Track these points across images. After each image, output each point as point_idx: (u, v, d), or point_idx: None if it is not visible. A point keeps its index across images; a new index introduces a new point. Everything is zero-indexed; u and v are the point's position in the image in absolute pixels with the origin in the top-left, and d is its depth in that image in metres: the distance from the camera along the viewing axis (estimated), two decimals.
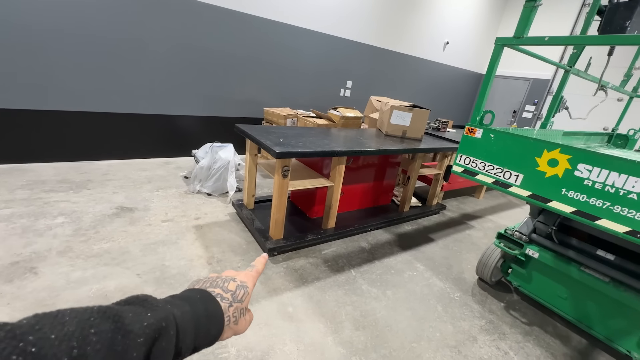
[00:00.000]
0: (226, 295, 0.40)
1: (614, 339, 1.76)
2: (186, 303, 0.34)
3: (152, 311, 0.29)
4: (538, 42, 1.44)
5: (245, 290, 0.43)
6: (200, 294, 0.38)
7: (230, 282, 0.42)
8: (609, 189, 1.20)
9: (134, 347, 0.26)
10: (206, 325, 0.35)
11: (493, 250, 2.23)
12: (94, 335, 0.24)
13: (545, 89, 6.85)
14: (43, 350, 0.21)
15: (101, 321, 0.25)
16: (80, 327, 0.24)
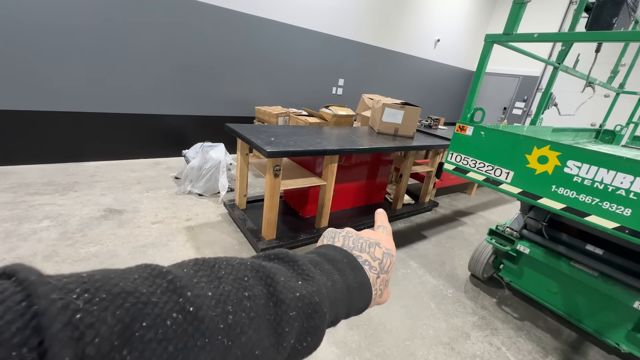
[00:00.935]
0: (374, 263, 0.33)
1: (603, 332, 1.79)
2: (335, 270, 0.29)
3: (302, 279, 0.26)
4: (527, 39, 1.44)
5: (392, 259, 0.36)
6: (347, 258, 0.32)
7: (376, 247, 0.35)
8: (598, 186, 1.21)
9: (286, 321, 0.23)
10: (357, 297, 0.30)
11: (485, 246, 2.24)
12: (248, 300, 0.21)
13: (535, 85, 6.94)
14: (201, 311, 0.19)
15: (255, 282, 0.22)
16: (236, 287, 0.21)
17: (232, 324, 0.20)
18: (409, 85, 6.57)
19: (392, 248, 0.37)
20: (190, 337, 0.18)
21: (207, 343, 0.18)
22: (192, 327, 0.18)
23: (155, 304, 0.17)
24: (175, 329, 0.17)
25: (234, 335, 0.19)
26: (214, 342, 0.19)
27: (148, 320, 0.16)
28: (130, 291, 0.17)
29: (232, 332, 0.19)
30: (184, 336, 0.17)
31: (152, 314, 0.17)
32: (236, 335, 0.20)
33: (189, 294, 0.19)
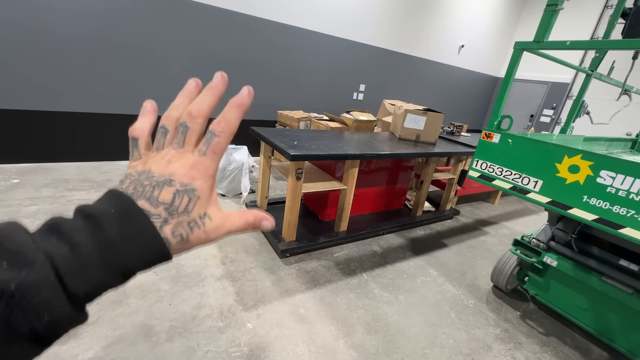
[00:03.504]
0: (157, 210, 0.27)
1: (638, 353, 1.69)
2: (85, 229, 0.24)
3: (7, 260, 0.20)
4: (559, 47, 1.42)
5: (192, 195, 0.28)
6: (116, 208, 0.26)
7: (164, 188, 0.28)
8: (634, 197, 1.16)
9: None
10: (128, 250, 0.25)
11: (509, 257, 2.18)
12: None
13: (565, 92, 6.67)
14: None
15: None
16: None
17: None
18: (431, 91, 6.50)
19: (195, 177, 0.29)
20: None
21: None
22: None
23: None
24: None
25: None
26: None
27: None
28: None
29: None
30: None
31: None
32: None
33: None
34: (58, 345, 1.40)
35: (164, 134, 0.31)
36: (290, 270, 2.16)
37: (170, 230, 0.27)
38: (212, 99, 0.32)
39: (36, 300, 0.20)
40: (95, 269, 0.23)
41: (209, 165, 0.30)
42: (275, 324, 1.71)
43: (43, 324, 0.21)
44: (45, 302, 0.21)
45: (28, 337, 0.21)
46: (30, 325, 0.20)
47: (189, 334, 1.56)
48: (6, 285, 0.19)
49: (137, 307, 1.67)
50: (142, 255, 0.25)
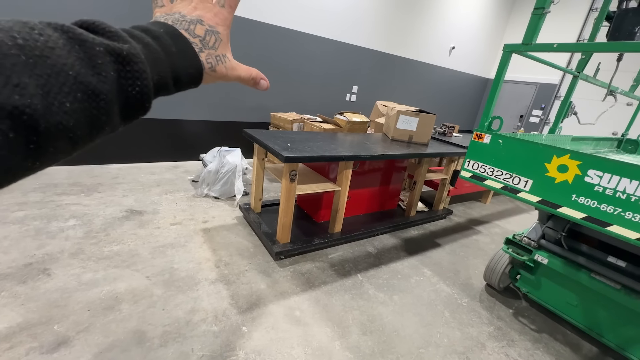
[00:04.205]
0: (194, 39, 0.32)
1: (626, 348, 1.73)
2: (148, 36, 0.28)
3: (107, 37, 0.24)
4: (547, 49, 1.45)
5: (217, 37, 0.34)
6: (164, 28, 0.30)
7: (198, 25, 0.33)
8: (620, 195, 1.19)
9: (96, 55, 0.22)
10: (179, 59, 0.30)
11: (501, 256, 2.21)
12: (40, 35, 0.19)
13: (553, 93, 6.81)
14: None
15: (45, 27, 0.20)
16: (19, 25, 0.19)
17: (24, 46, 0.19)
18: (423, 92, 6.56)
19: (218, 23, 0.35)
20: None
21: None
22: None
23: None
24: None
25: (34, 55, 0.19)
26: (8, 53, 0.18)
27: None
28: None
29: (28, 50, 0.19)
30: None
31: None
32: (37, 57, 0.19)
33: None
34: (48, 353, 1.37)
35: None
36: (285, 273, 2.15)
37: (205, 57, 0.33)
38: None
39: (136, 68, 0.25)
40: (162, 64, 0.28)
41: (227, 16, 0.36)
42: (270, 326, 1.70)
43: (135, 91, 0.25)
44: (140, 71, 0.25)
45: (121, 103, 0.25)
46: (127, 89, 0.24)
47: (182, 339, 1.54)
48: (120, 50, 0.24)
49: (130, 312, 1.65)
50: (187, 66, 0.31)
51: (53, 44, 0.20)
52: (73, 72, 0.21)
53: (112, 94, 0.23)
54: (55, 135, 0.20)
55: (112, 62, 0.23)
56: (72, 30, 0.22)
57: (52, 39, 0.20)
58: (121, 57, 0.24)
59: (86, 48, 0.22)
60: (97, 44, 0.23)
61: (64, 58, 0.20)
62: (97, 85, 0.22)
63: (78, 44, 0.22)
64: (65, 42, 0.21)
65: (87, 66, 0.22)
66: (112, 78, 0.23)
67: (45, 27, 0.21)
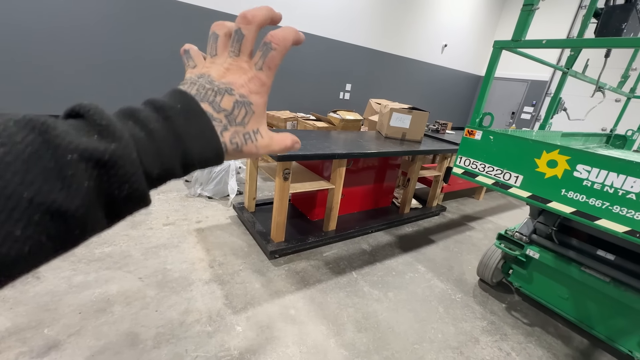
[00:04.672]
0: (218, 115, 0.28)
1: (616, 339, 1.76)
2: (158, 118, 0.25)
3: (98, 133, 0.22)
4: (536, 45, 1.46)
5: (248, 109, 0.30)
6: (182, 103, 0.27)
7: (225, 95, 0.29)
8: (608, 189, 1.21)
9: (68, 165, 0.19)
10: (194, 144, 0.27)
11: (494, 251, 2.24)
12: (0, 147, 0.18)
13: (543, 90, 6.89)
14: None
15: (18, 130, 0.18)
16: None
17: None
18: (416, 90, 6.59)
19: (252, 90, 0.30)
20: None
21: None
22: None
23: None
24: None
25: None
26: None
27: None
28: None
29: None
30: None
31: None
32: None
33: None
34: (39, 357, 1.35)
35: (215, 39, 0.32)
36: (280, 272, 2.15)
37: (229, 137, 0.29)
38: (267, 11, 0.31)
39: (122, 172, 0.22)
40: (166, 155, 0.25)
41: (265, 82, 0.31)
42: (265, 326, 1.70)
43: (123, 195, 0.22)
44: (129, 174, 0.22)
45: (105, 207, 0.22)
46: (112, 194, 0.22)
47: (176, 340, 1.53)
48: (101, 155, 0.21)
49: (122, 315, 1.63)
50: (202, 152, 0.27)
51: (13, 157, 0.18)
52: (29, 193, 0.18)
53: (84, 207, 0.20)
54: (2, 266, 0.18)
55: (89, 169, 0.20)
56: (49, 132, 0.19)
57: (17, 148, 0.18)
58: (102, 162, 0.21)
59: (57, 156, 0.19)
60: (70, 150, 0.20)
61: (21, 175, 0.18)
62: (63, 203, 0.19)
63: (51, 148, 0.19)
64: (33, 150, 0.18)
65: (53, 179, 0.19)
66: (86, 189, 0.20)
67: (20, 128, 0.19)
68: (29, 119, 0.19)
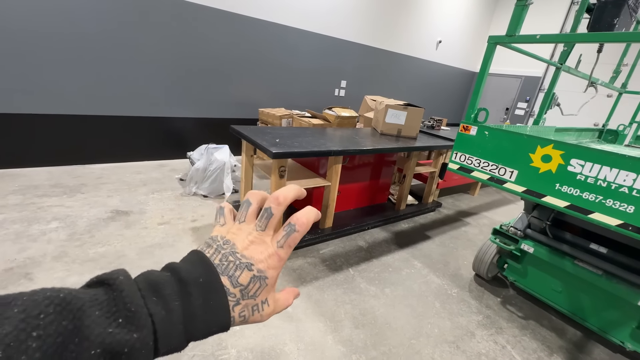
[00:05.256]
0: (234, 290, 0.30)
1: (608, 330, 1.79)
2: (179, 294, 0.27)
3: (124, 317, 0.23)
4: (530, 40, 1.46)
5: (263, 283, 0.32)
6: (205, 277, 0.29)
7: (245, 271, 0.31)
8: (601, 183, 1.22)
9: (87, 359, 0.21)
10: (202, 323, 0.28)
11: (489, 246, 2.25)
12: (36, 340, 0.19)
13: (537, 86, 6.94)
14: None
15: (55, 318, 0.20)
16: (20, 328, 0.19)
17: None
18: (411, 86, 6.59)
19: (270, 266, 0.32)
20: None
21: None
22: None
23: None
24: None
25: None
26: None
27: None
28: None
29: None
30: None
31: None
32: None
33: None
34: None
35: (247, 206, 0.35)
36: None
37: (239, 311, 0.31)
38: (296, 193, 0.36)
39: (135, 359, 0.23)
40: (178, 335, 0.26)
41: (283, 258, 0.33)
42: (262, 324, 1.69)
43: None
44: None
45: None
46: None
47: None
48: (122, 347, 0.22)
49: None
50: (210, 328, 0.29)
51: (41, 353, 0.19)
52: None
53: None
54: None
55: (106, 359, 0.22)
56: (82, 318, 0.21)
57: (47, 342, 0.19)
58: (120, 354, 0.22)
59: (81, 349, 0.20)
60: (96, 345, 0.21)
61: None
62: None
63: (77, 339, 0.20)
64: (60, 342, 0.20)
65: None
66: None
67: (57, 315, 0.20)
68: (69, 300, 0.21)
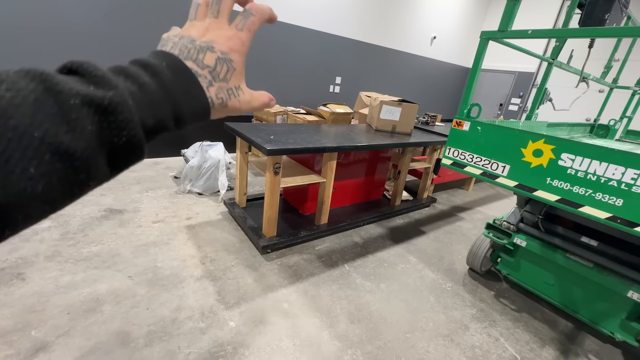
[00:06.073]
0: (202, 71, 0.29)
1: (598, 322, 1.83)
2: (147, 73, 0.26)
3: (94, 84, 0.22)
4: (522, 36, 1.47)
5: (230, 66, 0.31)
6: (167, 61, 0.28)
7: (207, 52, 0.30)
8: (591, 177, 1.24)
9: (71, 109, 0.20)
10: (183, 98, 0.27)
11: (482, 240, 2.28)
12: (7, 92, 0.18)
13: (530, 81, 6.99)
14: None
15: (19, 79, 0.19)
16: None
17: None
18: (406, 82, 6.60)
19: (232, 48, 0.31)
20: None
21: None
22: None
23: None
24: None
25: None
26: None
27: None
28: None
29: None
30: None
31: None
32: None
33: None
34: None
35: (196, 7, 0.34)
36: (272, 266, 2.15)
37: (215, 92, 0.30)
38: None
39: (121, 117, 0.22)
40: (159, 106, 0.26)
41: (244, 41, 0.33)
42: (258, 320, 1.70)
43: (122, 141, 0.23)
44: (127, 120, 0.23)
45: (107, 155, 0.23)
46: (112, 141, 0.22)
47: (169, 338, 1.52)
48: (101, 100, 0.21)
49: (112, 314, 1.61)
50: (191, 105, 0.28)
51: (20, 100, 0.18)
52: (39, 133, 0.19)
53: (90, 150, 0.21)
54: (20, 204, 0.18)
55: (90, 115, 0.21)
56: (49, 80, 0.20)
57: (22, 93, 0.19)
58: (102, 107, 0.22)
59: (60, 101, 0.20)
60: (72, 95, 0.20)
61: (30, 117, 0.18)
62: (71, 144, 0.20)
63: (53, 95, 0.20)
64: (37, 96, 0.19)
65: (59, 122, 0.20)
66: (90, 132, 0.21)
67: (21, 77, 0.19)
68: (27, 70, 0.20)
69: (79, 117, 0.20)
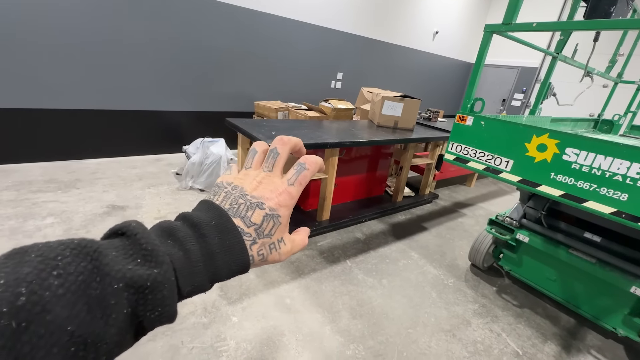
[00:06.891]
0: (248, 230, 0.30)
1: (601, 317, 1.83)
2: (194, 236, 0.27)
3: (142, 257, 0.23)
4: (526, 29, 1.45)
5: (276, 221, 0.32)
6: (217, 220, 0.29)
7: (256, 210, 0.31)
8: (596, 172, 1.23)
9: (112, 294, 0.21)
10: (224, 262, 0.28)
11: (485, 236, 2.27)
12: (57, 278, 0.19)
13: (534, 77, 6.93)
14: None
15: (73, 259, 0.20)
16: (39, 268, 0.19)
17: (24, 305, 0.18)
18: (407, 78, 6.56)
19: (281, 204, 0.32)
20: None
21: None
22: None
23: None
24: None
25: (31, 315, 0.18)
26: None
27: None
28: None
29: (24, 314, 0.18)
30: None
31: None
32: (34, 315, 0.18)
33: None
34: None
35: (253, 154, 0.36)
36: None
37: (257, 249, 0.31)
38: (298, 140, 0.37)
39: (160, 296, 0.23)
40: (200, 274, 0.27)
41: (294, 196, 0.34)
42: (261, 315, 1.71)
43: (154, 315, 0.23)
44: (165, 298, 0.23)
45: (135, 328, 0.23)
46: (145, 315, 0.23)
47: (172, 332, 1.53)
48: (144, 281, 0.22)
49: None
50: (231, 267, 0.29)
51: (65, 289, 0.19)
52: (72, 326, 0.19)
53: (118, 336, 0.21)
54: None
55: (129, 297, 0.22)
56: (100, 259, 0.21)
57: (70, 279, 0.20)
58: (143, 288, 0.22)
59: (104, 285, 0.21)
60: (117, 279, 0.21)
61: (69, 308, 0.19)
62: (100, 332, 0.20)
63: (98, 277, 0.21)
64: (83, 279, 0.20)
65: (95, 308, 0.20)
66: (124, 315, 0.22)
67: (75, 257, 0.20)
68: (84, 245, 0.21)
69: (117, 302, 0.21)
